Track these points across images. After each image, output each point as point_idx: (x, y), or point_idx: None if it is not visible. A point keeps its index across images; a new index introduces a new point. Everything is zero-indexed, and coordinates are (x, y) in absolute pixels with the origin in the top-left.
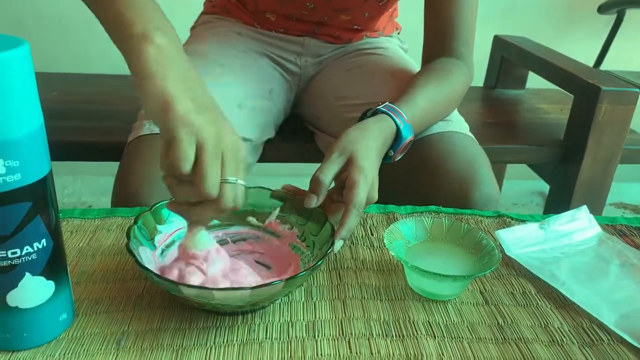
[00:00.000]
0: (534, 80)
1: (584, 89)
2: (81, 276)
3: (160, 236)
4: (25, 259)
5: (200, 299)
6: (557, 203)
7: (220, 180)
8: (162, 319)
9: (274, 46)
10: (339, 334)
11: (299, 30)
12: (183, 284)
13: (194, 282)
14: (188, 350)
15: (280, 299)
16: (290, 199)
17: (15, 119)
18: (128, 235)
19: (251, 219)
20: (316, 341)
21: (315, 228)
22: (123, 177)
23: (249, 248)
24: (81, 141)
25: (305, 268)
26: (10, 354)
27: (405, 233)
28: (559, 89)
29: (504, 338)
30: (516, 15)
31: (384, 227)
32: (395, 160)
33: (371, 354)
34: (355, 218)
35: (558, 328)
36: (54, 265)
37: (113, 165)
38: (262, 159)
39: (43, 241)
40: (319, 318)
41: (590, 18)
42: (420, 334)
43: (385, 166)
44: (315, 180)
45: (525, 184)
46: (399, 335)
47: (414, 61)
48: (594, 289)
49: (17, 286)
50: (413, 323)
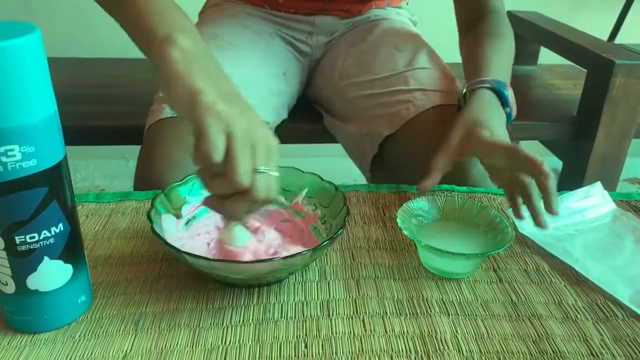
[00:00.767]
0: (547, 56)
1: (598, 64)
2: (98, 259)
3: (188, 207)
4: (43, 243)
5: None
6: (571, 180)
7: (252, 170)
8: (179, 299)
9: (284, 27)
10: (353, 313)
11: (308, 8)
12: (198, 256)
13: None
14: (205, 329)
15: (290, 278)
16: None
17: (30, 106)
18: (153, 204)
19: (280, 198)
20: (331, 320)
21: (334, 212)
22: (146, 162)
23: (273, 223)
24: (95, 125)
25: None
26: (32, 336)
27: (418, 212)
28: (572, 64)
29: (518, 315)
30: None
31: (396, 207)
32: (514, 113)
33: (385, 331)
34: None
35: (572, 305)
36: (71, 248)
37: (125, 149)
38: None
39: (60, 225)
40: (333, 297)
41: None
42: (434, 311)
43: (385, 145)
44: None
45: None
46: (412, 314)
47: (420, 33)
48: (608, 265)
49: (37, 270)
50: (427, 301)
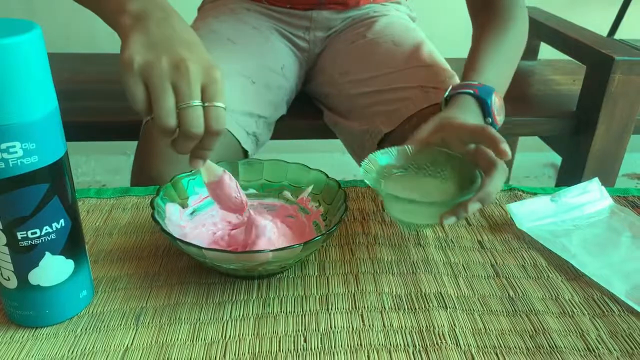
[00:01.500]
0: (546, 51)
1: (597, 59)
2: (99, 254)
3: (195, 197)
4: (45, 239)
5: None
6: (570, 175)
7: (183, 106)
8: (179, 294)
9: (282, 22)
10: (352, 307)
11: (306, 3)
12: (189, 243)
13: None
14: (205, 324)
15: (289, 272)
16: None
17: (31, 102)
18: (158, 192)
19: (286, 193)
20: (329, 314)
21: (335, 209)
22: (142, 159)
23: (278, 218)
24: (95, 121)
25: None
26: (33, 330)
27: (384, 162)
28: (572, 59)
29: (515, 310)
30: None
31: None
32: (498, 123)
33: (384, 326)
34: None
35: (569, 300)
36: (72, 244)
37: (125, 144)
38: (273, 135)
39: (61, 221)
40: (332, 292)
41: None
42: (432, 306)
43: (384, 142)
44: None
45: (537, 156)
46: (411, 308)
47: (420, 29)
48: (605, 260)
49: (38, 265)
50: (425, 296)
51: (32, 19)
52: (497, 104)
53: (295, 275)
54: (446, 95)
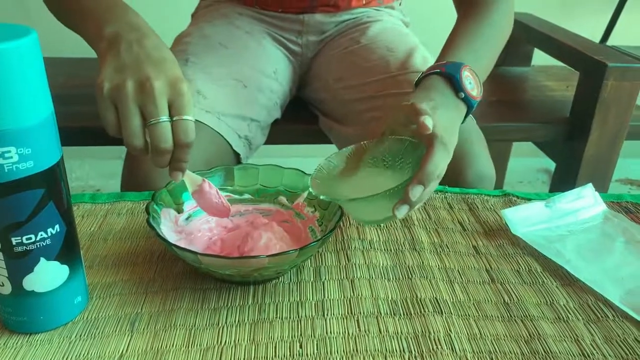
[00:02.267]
0: (540, 57)
1: (590, 66)
2: (94, 260)
3: (191, 203)
4: (39, 244)
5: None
6: (564, 180)
7: (151, 122)
8: (174, 300)
9: (274, 26)
10: (348, 313)
11: (297, 7)
12: (184, 249)
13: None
14: (200, 330)
15: (284, 278)
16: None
17: (26, 108)
18: (153, 198)
19: (282, 199)
20: (325, 320)
21: (331, 214)
22: (131, 164)
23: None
24: (90, 126)
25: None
26: (28, 336)
27: (338, 165)
28: (565, 65)
29: (510, 315)
30: None
31: None
32: (475, 97)
33: (379, 331)
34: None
35: (564, 305)
36: (67, 250)
37: (119, 149)
38: (268, 140)
39: (56, 226)
40: (328, 297)
41: None
42: (428, 312)
43: None
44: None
45: (531, 161)
46: (406, 314)
47: (413, 34)
48: (599, 266)
49: (33, 271)
50: (420, 301)
51: (28, 23)
52: (471, 78)
53: (291, 280)
54: (416, 81)
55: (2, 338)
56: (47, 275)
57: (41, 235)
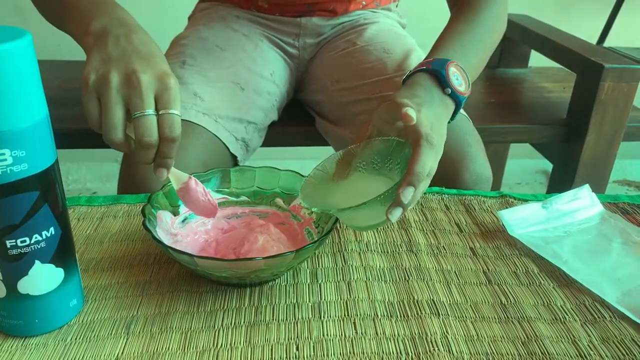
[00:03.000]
0: (537, 59)
1: (587, 67)
2: (89, 263)
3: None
4: (34, 247)
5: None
6: (561, 181)
7: (136, 115)
8: (170, 303)
9: (271, 29)
10: (345, 315)
11: (294, 11)
12: (180, 251)
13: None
14: (196, 332)
15: (281, 280)
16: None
17: (21, 110)
18: (149, 200)
19: (278, 201)
20: (322, 322)
21: (327, 216)
22: (128, 166)
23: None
24: (86, 128)
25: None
26: (23, 340)
27: (329, 172)
28: (562, 67)
29: (507, 317)
30: None
31: None
32: (463, 93)
33: (376, 333)
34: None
35: (561, 306)
36: (62, 252)
37: (116, 152)
38: (265, 142)
39: (51, 229)
40: (325, 299)
41: None
42: (425, 313)
43: None
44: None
45: (528, 162)
46: (403, 316)
47: (410, 36)
48: (596, 266)
49: (28, 274)
50: (417, 303)
51: (23, 26)
52: (458, 74)
53: (287, 282)
54: (403, 79)
55: None
56: (42, 278)
57: (36, 238)
